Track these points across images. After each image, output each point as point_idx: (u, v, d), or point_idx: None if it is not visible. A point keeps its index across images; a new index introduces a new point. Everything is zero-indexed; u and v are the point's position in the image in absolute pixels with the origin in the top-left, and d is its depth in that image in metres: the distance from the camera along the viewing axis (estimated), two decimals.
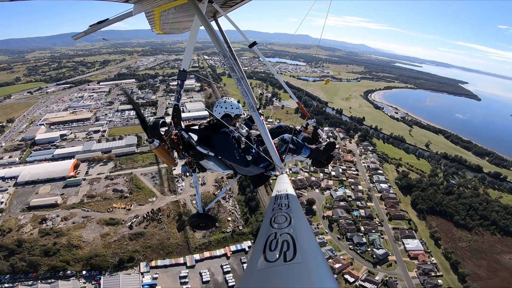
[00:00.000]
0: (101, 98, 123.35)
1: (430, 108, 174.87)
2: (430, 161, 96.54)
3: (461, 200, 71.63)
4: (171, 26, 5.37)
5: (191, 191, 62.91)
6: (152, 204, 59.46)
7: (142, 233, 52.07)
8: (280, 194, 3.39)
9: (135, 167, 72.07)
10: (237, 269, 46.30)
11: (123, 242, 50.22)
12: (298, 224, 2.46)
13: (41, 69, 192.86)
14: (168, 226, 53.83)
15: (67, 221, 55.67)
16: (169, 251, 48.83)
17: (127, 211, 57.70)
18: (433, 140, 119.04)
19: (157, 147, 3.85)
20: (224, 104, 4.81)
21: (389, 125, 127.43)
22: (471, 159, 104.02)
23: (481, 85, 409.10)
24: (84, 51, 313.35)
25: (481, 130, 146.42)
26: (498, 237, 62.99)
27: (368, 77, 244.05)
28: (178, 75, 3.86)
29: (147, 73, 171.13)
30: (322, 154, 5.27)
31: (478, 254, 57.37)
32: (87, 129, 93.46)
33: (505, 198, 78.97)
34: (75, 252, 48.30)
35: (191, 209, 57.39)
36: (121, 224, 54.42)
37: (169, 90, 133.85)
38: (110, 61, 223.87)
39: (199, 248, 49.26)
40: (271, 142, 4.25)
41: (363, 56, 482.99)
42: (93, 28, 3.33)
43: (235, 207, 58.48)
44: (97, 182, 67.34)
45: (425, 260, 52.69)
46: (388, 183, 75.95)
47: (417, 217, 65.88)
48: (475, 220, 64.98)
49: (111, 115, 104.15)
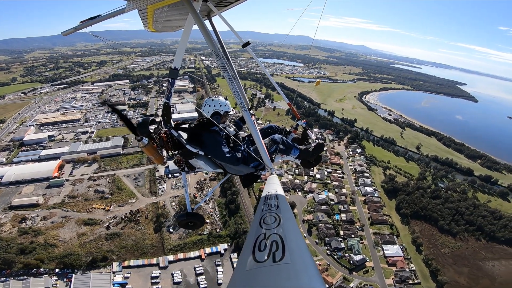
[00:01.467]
0: (93, 99, 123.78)
1: (425, 110, 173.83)
2: (420, 164, 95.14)
3: (448, 204, 70.30)
4: (164, 24, 5.29)
5: (171, 193, 62.90)
6: (132, 205, 59.58)
7: (119, 233, 52.46)
8: (269, 195, 3.38)
9: (119, 168, 72.23)
10: (210, 272, 46.26)
11: (99, 242, 50.72)
12: (287, 225, 2.47)
13: (38, 69, 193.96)
14: (145, 227, 54.11)
15: (46, 220, 56.18)
16: (143, 252, 49.17)
17: (106, 212, 58.07)
18: (425, 143, 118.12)
19: (146, 145, 3.84)
20: (212, 102, 4.80)
21: (381, 127, 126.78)
22: (462, 162, 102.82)
23: (481, 86, 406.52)
24: (83, 51, 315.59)
25: (476, 132, 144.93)
26: (483, 243, 61.94)
27: (365, 78, 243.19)
28: (169, 73, 3.87)
29: (141, 74, 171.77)
30: (311, 155, 5.37)
31: (461, 261, 56.32)
32: (75, 130, 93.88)
33: (494, 202, 77.83)
34: (51, 250, 48.97)
35: (170, 211, 57.45)
36: (99, 224, 54.81)
37: (161, 91, 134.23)
38: (107, 61, 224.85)
39: (173, 249, 49.44)
40: (262, 142, 4.25)
41: (362, 57, 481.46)
42: (83, 24, 3.25)
43: (215, 209, 58.39)
44: (79, 183, 67.62)
45: (403, 267, 51.77)
46: (374, 186, 75.14)
47: (400, 221, 64.86)
48: (460, 225, 63.87)
49: (101, 116, 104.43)
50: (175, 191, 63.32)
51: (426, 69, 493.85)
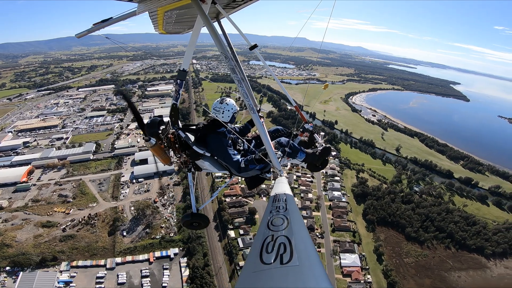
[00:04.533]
0: (75, 105, 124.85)
1: (412, 110, 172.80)
2: (397, 166, 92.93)
3: (419, 209, 66.60)
4: (174, 26, 5.37)
5: (133, 198, 63.21)
6: (92, 209, 60.38)
7: (73, 235, 53.70)
8: (278, 197, 3.35)
9: (86, 173, 72.79)
10: (157, 274, 46.88)
11: (53, 243, 52.02)
12: (295, 227, 2.45)
13: (28, 74, 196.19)
14: (100, 230, 55.15)
15: (7, 222, 57.40)
16: (93, 253, 50.29)
17: (65, 215, 59.12)
18: (406, 144, 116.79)
19: (154, 145, 3.95)
20: (228, 106, 4.88)
21: (362, 128, 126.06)
22: (443, 164, 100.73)
23: (477, 86, 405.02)
24: (77, 56, 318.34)
25: (463, 132, 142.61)
26: (452, 251, 58.64)
27: (355, 79, 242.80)
28: (177, 75, 3.92)
29: (128, 78, 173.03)
30: (317, 159, 5.36)
31: (424, 272, 52.89)
32: (51, 136, 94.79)
33: (471, 206, 75.11)
34: (5, 250, 50.33)
35: (128, 215, 58.09)
36: (56, 226, 56.06)
37: (144, 96, 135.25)
38: (98, 66, 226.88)
39: (123, 252, 50.49)
40: (271, 144, 4.20)
41: (357, 58, 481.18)
42: (96, 27, 3.33)
43: (173, 214, 58.56)
44: (46, 188, 68.44)
45: (358, 278, 49.54)
46: (343, 190, 73.80)
47: (365, 228, 62.21)
48: (429, 232, 60.62)
49: (79, 122, 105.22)
50: (137, 196, 63.66)
51: (422, 69, 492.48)
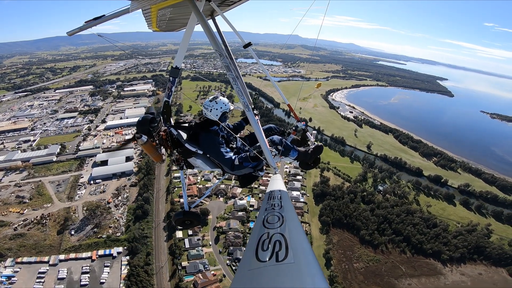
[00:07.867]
0: (49, 107, 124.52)
1: (392, 106, 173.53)
2: (364, 164, 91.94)
3: (378, 210, 64.19)
4: (168, 24, 5.31)
5: (88, 198, 64.04)
6: (46, 209, 61.39)
7: (23, 234, 55.21)
8: (273, 194, 3.36)
9: (47, 175, 73.40)
10: (97, 271, 48.50)
11: (2, 241, 53.55)
12: (290, 224, 2.47)
13: (9, 76, 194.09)
14: (50, 229, 56.50)
15: None
16: (40, 251, 51.93)
17: (19, 215, 60.17)
18: (380, 141, 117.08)
19: (145, 142, 3.91)
20: (218, 104, 4.84)
21: (336, 125, 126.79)
22: (414, 161, 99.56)
23: (467, 82, 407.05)
24: (63, 56, 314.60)
25: (441, 128, 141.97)
26: (407, 256, 55.57)
27: (340, 76, 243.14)
28: (170, 72, 3.95)
29: (108, 78, 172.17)
30: (309, 157, 5.39)
31: (372, 278, 50.22)
32: (19, 138, 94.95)
33: (436, 206, 72.26)
34: None
35: (79, 215, 59.09)
36: (8, 226, 57.23)
37: (119, 96, 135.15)
38: (81, 66, 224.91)
39: (68, 250, 52.20)
40: (266, 142, 4.23)
41: (347, 55, 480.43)
42: (88, 25, 3.33)
43: (123, 214, 59.59)
44: (5, 189, 69.11)
45: None
46: (303, 190, 73.09)
47: (319, 230, 59.96)
48: (386, 235, 58.06)
49: (49, 124, 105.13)
50: (92, 197, 64.50)
51: (412, 65, 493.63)
